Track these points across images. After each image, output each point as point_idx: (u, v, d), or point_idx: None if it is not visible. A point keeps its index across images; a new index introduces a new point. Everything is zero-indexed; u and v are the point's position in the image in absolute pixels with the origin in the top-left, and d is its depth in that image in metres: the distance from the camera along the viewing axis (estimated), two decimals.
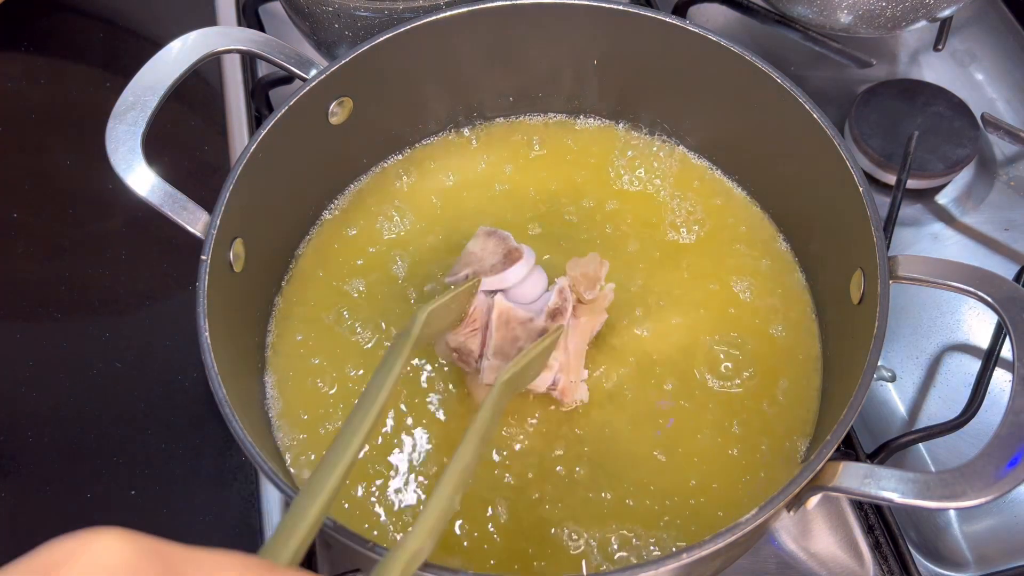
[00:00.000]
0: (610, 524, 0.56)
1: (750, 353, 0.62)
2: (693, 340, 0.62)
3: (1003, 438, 0.46)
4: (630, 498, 0.56)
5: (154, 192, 0.56)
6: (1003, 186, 0.80)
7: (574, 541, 0.55)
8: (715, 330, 0.63)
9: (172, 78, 0.59)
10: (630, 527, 0.56)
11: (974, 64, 0.87)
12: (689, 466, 0.58)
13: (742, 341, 0.62)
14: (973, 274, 0.52)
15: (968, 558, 0.63)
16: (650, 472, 0.57)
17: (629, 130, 0.72)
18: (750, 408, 0.60)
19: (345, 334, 0.63)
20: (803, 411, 0.60)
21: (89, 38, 0.92)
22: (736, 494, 0.57)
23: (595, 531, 0.55)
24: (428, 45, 0.64)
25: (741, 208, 0.69)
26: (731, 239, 0.67)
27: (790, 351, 0.62)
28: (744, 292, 0.65)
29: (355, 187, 0.70)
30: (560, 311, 0.57)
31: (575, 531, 0.56)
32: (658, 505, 0.56)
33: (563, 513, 0.56)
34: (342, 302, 0.64)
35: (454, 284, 0.59)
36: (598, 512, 0.56)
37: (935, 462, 0.67)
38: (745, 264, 0.66)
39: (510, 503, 0.56)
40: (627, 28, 0.64)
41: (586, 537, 0.55)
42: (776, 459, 0.58)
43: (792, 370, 0.61)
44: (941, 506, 0.45)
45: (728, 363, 0.62)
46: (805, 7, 0.79)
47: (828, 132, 0.58)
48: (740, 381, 0.61)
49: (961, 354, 0.71)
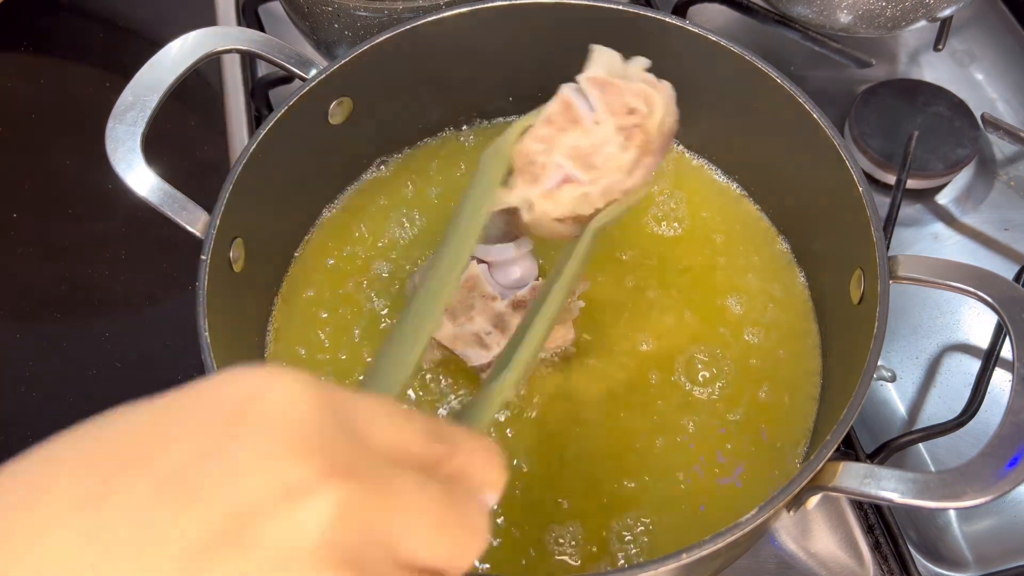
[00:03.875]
0: (606, 522, 0.56)
1: (750, 353, 0.62)
2: (691, 340, 0.62)
3: (1003, 438, 0.46)
4: (623, 493, 0.57)
5: (154, 192, 0.56)
6: (1003, 186, 0.80)
7: (559, 546, 0.55)
8: (714, 330, 0.63)
9: (172, 78, 0.59)
10: (633, 516, 0.56)
11: (974, 64, 0.87)
12: (687, 467, 0.58)
13: (742, 341, 0.62)
14: (973, 274, 0.52)
15: (968, 558, 0.63)
16: (646, 471, 0.57)
17: None
18: (749, 408, 0.60)
19: (345, 335, 0.63)
20: (802, 411, 0.60)
21: (89, 38, 0.92)
22: (734, 492, 0.57)
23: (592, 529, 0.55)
24: (428, 45, 0.64)
25: (740, 208, 0.69)
26: (730, 239, 0.67)
27: (789, 351, 0.62)
28: (743, 292, 0.65)
29: (355, 187, 0.70)
30: (524, 305, 0.58)
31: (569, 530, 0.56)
32: (656, 504, 0.56)
33: (568, 513, 0.56)
34: (342, 302, 0.64)
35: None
36: (597, 507, 0.56)
37: (935, 462, 0.67)
38: (744, 264, 0.66)
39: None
40: (626, 28, 0.64)
41: (581, 538, 0.55)
42: (775, 459, 0.58)
43: (791, 370, 0.61)
44: (941, 506, 0.45)
45: (729, 363, 0.61)
46: (805, 7, 0.79)
47: (828, 132, 0.58)
48: (741, 381, 0.61)
49: (961, 354, 0.71)
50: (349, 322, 0.64)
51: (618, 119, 0.47)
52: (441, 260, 0.43)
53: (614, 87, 0.48)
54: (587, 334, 0.62)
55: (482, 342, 0.58)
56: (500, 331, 0.57)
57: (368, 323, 0.64)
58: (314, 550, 0.24)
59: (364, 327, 0.63)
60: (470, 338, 0.58)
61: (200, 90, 0.85)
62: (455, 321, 0.57)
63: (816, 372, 0.61)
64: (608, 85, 0.48)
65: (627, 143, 0.47)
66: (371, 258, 0.66)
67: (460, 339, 0.58)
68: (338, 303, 0.64)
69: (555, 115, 0.48)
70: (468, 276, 0.58)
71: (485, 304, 0.58)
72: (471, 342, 0.58)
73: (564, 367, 0.61)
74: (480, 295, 0.58)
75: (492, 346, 0.57)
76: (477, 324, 0.57)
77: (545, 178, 0.47)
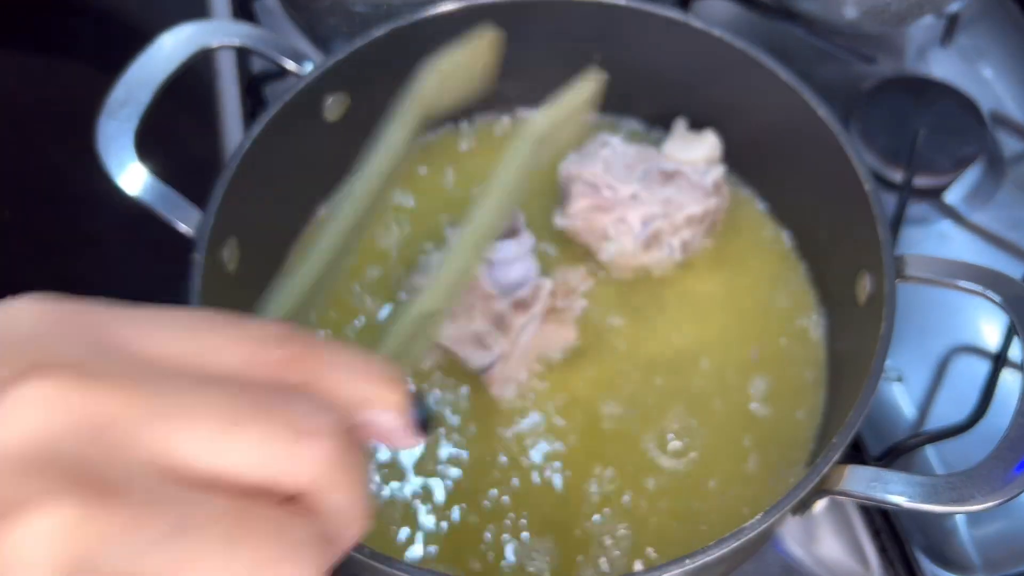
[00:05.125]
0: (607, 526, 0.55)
1: (752, 353, 0.61)
2: (693, 340, 0.62)
3: (1012, 440, 0.46)
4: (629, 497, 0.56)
5: (146, 190, 0.56)
6: (1012, 184, 0.79)
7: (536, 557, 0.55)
8: (716, 330, 0.62)
9: (164, 73, 0.59)
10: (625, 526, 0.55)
11: (982, 60, 0.87)
12: (694, 468, 0.57)
13: (744, 341, 0.62)
14: (982, 273, 0.51)
15: (976, 563, 0.63)
16: (652, 475, 0.57)
17: (630, 126, 0.72)
18: (755, 410, 0.59)
19: (339, 336, 0.62)
20: (809, 413, 0.59)
21: (79, 32, 0.91)
22: (740, 497, 0.56)
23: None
24: (426, 40, 0.63)
25: (744, 206, 0.68)
26: (734, 238, 0.66)
27: (795, 352, 0.61)
28: (746, 291, 0.64)
29: None
30: (526, 304, 0.57)
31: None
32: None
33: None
34: (336, 303, 0.64)
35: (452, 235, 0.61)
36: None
37: (943, 465, 0.66)
38: (748, 263, 0.65)
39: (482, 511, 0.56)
40: (630, 24, 0.64)
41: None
42: (780, 462, 0.57)
43: (797, 371, 0.61)
44: (949, 510, 0.45)
45: (730, 364, 0.61)
46: (810, 2, 0.78)
47: (833, 129, 0.57)
48: (742, 382, 0.60)
49: (969, 355, 0.70)
50: (343, 323, 0.63)
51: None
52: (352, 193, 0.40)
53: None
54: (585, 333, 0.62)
55: (482, 342, 0.57)
56: (500, 331, 0.57)
57: (362, 324, 0.63)
58: (7, 453, 0.21)
59: (358, 328, 0.63)
60: (470, 338, 0.57)
61: (193, 86, 0.84)
62: (454, 321, 0.57)
63: (822, 374, 0.61)
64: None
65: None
66: (365, 257, 0.66)
67: (460, 339, 0.57)
68: (332, 303, 0.64)
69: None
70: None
71: (485, 304, 0.57)
72: (471, 342, 0.57)
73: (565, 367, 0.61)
74: (480, 295, 0.57)
75: (492, 346, 0.57)
76: (477, 324, 0.57)
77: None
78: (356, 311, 0.63)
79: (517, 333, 0.57)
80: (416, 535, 0.55)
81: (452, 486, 0.56)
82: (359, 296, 0.64)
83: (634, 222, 0.61)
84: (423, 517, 0.56)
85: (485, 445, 0.58)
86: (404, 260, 0.65)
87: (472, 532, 0.55)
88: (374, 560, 0.44)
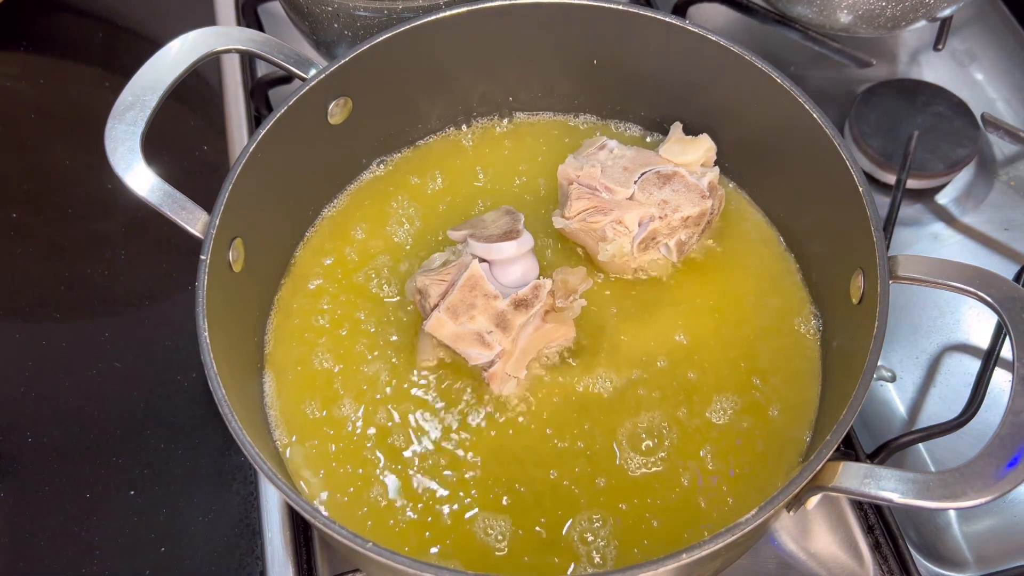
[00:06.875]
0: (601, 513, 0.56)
1: (749, 352, 0.62)
2: (691, 339, 0.62)
3: (1003, 438, 0.46)
4: (622, 491, 0.57)
5: (153, 192, 0.56)
6: (1003, 186, 0.80)
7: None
8: (714, 329, 0.63)
9: (171, 78, 0.59)
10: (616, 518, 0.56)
11: (974, 64, 0.87)
12: (690, 465, 0.58)
13: (741, 340, 0.62)
14: (973, 274, 0.52)
15: (968, 558, 0.63)
16: (647, 471, 0.58)
17: (627, 130, 0.72)
18: (750, 406, 0.60)
19: (343, 334, 0.63)
20: (803, 411, 0.59)
21: (89, 38, 0.92)
22: (733, 493, 0.57)
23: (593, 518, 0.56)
24: (427, 45, 0.64)
25: (739, 207, 0.68)
26: (730, 239, 0.67)
27: (789, 351, 0.62)
28: (743, 291, 0.64)
29: (354, 186, 0.70)
30: (526, 304, 0.58)
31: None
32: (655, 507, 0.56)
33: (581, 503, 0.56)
34: (341, 302, 0.64)
35: (453, 237, 0.61)
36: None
37: (935, 462, 0.67)
38: (744, 264, 0.66)
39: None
40: (627, 28, 0.64)
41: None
42: (775, 458, 0.58)
43: (791, 370, 0.61)
44: (941, 506, 0.45)
45: (725, 362, 0.61)
46: (805, 7, 0.79)
47: (828, 132, 0.58)
48: (737, 380, 0.61)
49: (961, 354, 0.71)
50: (348, 321, 0.64)
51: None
52: None
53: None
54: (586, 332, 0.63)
55: (483, 341, 0.58)
56: (500, 330, 0.57)
57: (368, 323, 0.64)
58: None
59: (363, 327, 0.63)
60: (471, 337, 0.58)
61: (200, 90, 0.85)
62: (456, 320, 0.57)
63: (816, 372, 0.61)
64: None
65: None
66: (370, 258, 0.66)
67: (461, 338, 0.58)
68: (337, 303, 0.64)
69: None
70: (469, 275, 0.58)
71: (486, 303, 0.58)
72: (472, 341, 0.58)
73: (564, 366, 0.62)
74: (481, 294, 0.58)
75: (493, 344, 0.57)
76: (478, 323, 0.57)
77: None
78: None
79: (517, 332, 0.58)
80: (418, 530, 0.56)
81: (453, 480, 0.57)
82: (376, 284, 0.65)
83: (631, 223, 0.62)
84: (424, 512, 0.56)
85: (485, 441, 0.59)
86: (411, 256, 0.66)
87: (468, 525, 0.56)
88: (377, 554, 0.45)
